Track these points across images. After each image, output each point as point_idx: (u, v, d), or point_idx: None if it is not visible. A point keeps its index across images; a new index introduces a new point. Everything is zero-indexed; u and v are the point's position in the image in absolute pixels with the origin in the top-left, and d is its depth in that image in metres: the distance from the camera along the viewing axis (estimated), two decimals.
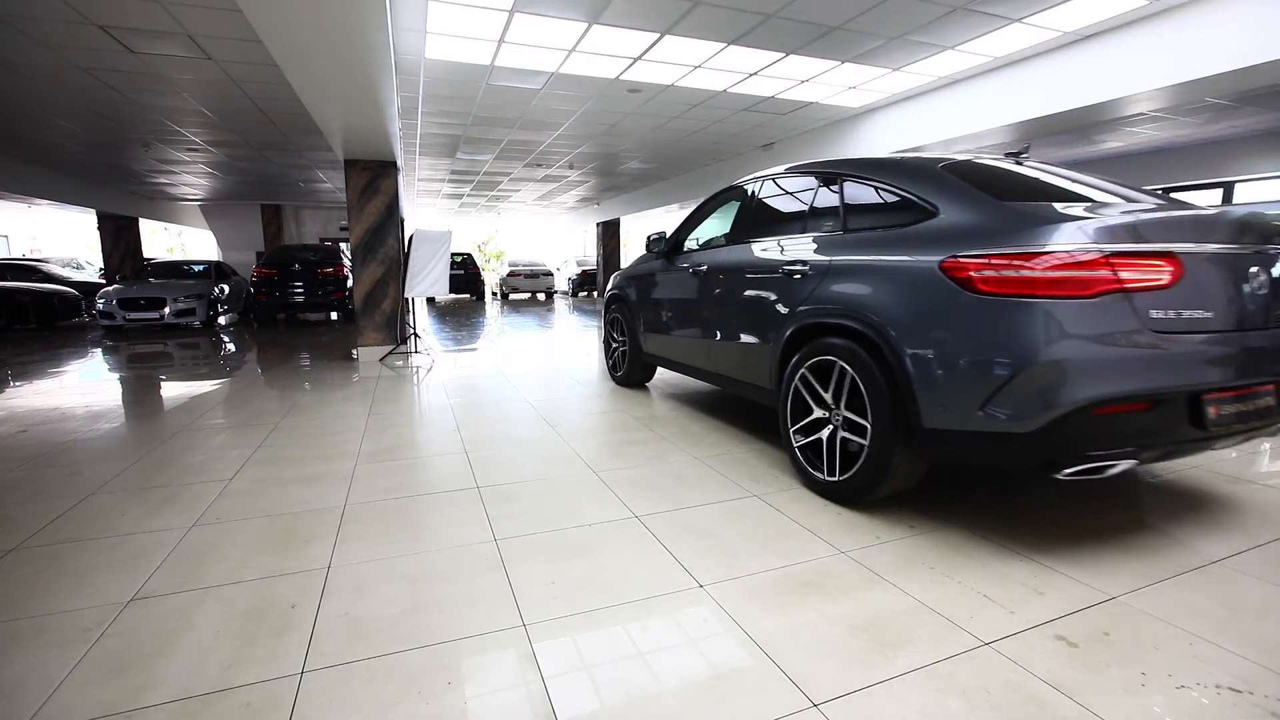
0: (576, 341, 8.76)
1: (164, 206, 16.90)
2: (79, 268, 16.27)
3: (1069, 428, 2.04)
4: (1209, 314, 2.15)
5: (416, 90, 6.80)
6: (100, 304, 9.95)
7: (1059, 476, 2.12)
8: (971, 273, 2.20)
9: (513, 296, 20.67)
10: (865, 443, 2.56)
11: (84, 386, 5.77)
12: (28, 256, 18.91)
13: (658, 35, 5.26)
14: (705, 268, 3.92)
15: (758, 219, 3.65)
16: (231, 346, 8.75)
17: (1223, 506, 2.69)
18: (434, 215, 21.35)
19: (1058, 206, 2.28)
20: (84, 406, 4.84)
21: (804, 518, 2.59)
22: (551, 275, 19.41)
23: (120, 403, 5.07)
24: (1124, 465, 2.12)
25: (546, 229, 28.11)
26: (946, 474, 3.08)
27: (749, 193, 3.79)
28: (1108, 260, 2.03)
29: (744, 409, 4.52)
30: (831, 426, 2.77)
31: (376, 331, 7.55)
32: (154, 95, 6.66)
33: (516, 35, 5.24)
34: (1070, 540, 2.38)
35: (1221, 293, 2.21)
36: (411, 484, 3.09)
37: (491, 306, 16.36)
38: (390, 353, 7.47)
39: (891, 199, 2.73)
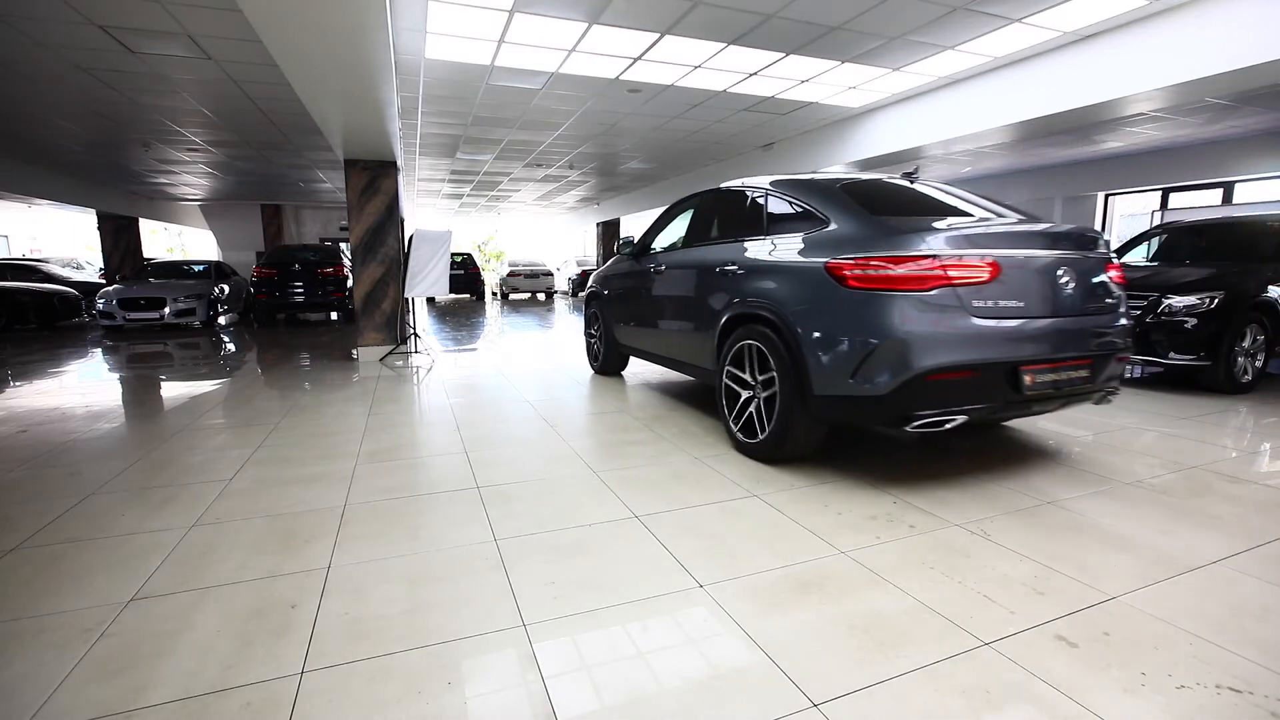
0: (576, 341, 8.75)
1: (164, 206, 16.90)
2: (79, 268, 16.26)
3: (912, 390, 2.62)
4: (1022, 304, 2.75)
5: (416, 90, 6.80)
6: (100, 304, 9.94)
7: (907, 430, 2.70)
8: (845, 271, 2.79)
9: (513, 296, 20.66)
10: (776, 409, 3.12)
11: (84, 386, 5.77)
12: (28, 256, 18.90)
13: (657, 35, 5.26)
14: (664, 268, 4.49)
15: (705, 226, 4.22)
16: (231, 346, 8.75)
17: (1223, 507, 2.69)
18: (434, 215, 21.34)
19: (916, 220, 2.91)
20: (84, 406, 4.84)
21: (804, 518, 2.59)
22: (551, 275, 19.41)
23: (120, 403, 5.07)
24: (958, 420, 2.71)
25: (546, 229, 28.08)
26: (946, 466, 3.08)
27: (699, 204, 4.41)
28: (940, 263, 2.63)
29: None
30: (754, 397, 3.31)
31: (376, 331, 7.54)
32: (154, 95, 6.65)
33: (516, 35, 5.24)
34: (1070, 541, 2.38)
35: (1036, 288, 2.80)
36: (412, 484, 3.09)
37: (491, 306, 16.36)
38: (390, 353, 7.47)
39: (799, 211, 3.32)
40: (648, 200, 15.45)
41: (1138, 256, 6.34)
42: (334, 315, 12.96)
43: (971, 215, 3.13)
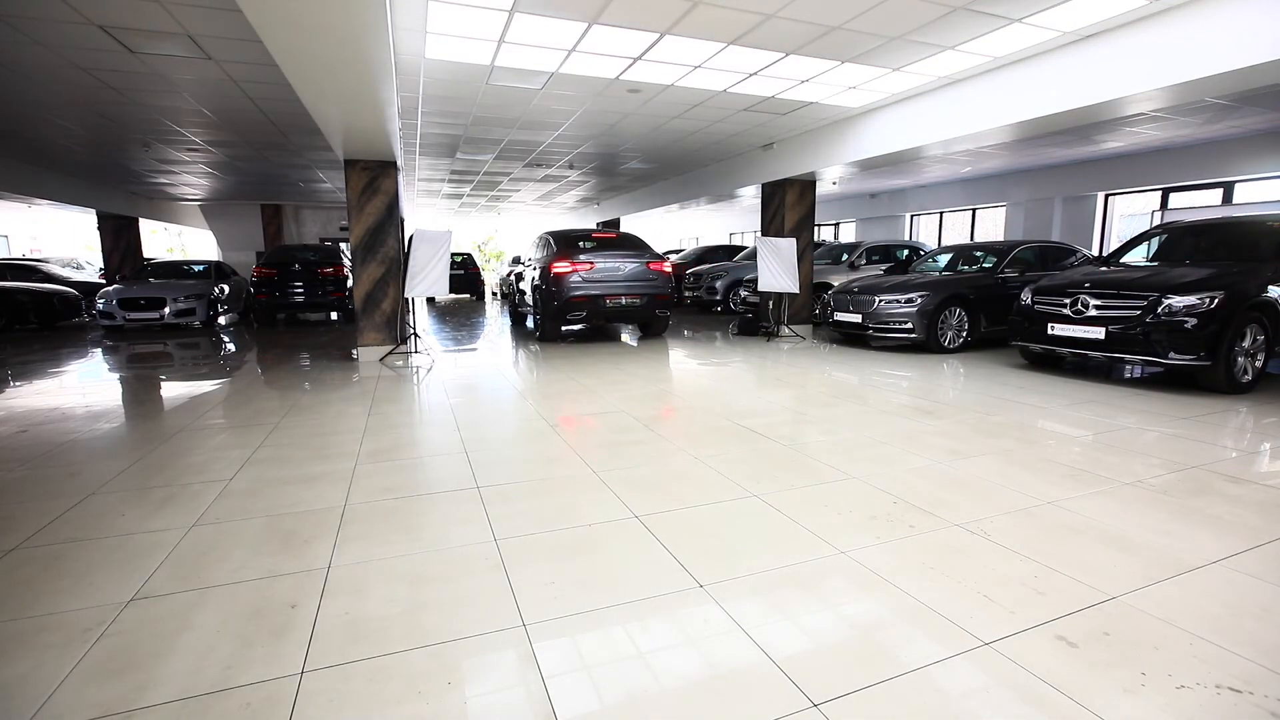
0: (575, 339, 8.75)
1: (164, 206, 16.88)
2: (79, 268, 16.23)
3: (565, 305, 8.03)
4: (606, 276, 8.14)
5: (416, 90, 6.80)
6: (100, 304, 9.93)
7: (565, 323, 8.27)
8: (550, 267, 8.07)
9: None
10: (541, 322, 8.60)
11: (84, 386, 5.77)
12: (28, 256, 18.87)
13: (657, 35, 5.26)
14: (527, 269, 9.46)
15: (535, 249, 9.20)
16: (231, 346, 8.75)
17: (1223, 507, 2.69)
18: (434, 215, 21.32)
19: (578, 248, 8.33)
20: (84, 406, 4.84)
21: (801, 516, 2.60)
22: None
23: (120, 403, 5.07)
24: (584, 314, 8.08)
25: (547, 229, 28.10)
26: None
27: (536, 240, 9.36)
28: (574, 263, 8.00)
29: (743, 412, 4.52)
30: (538, 314, 8.62)
31: (376, 331, 7.54)
32: (154, 95, 6.65)
33: (516, 35, 5.23)
34: (1070, 541, 2.38)
35: (612, 271, 8.18)
36: (412, 484, 3.09)
37: (491, 306, 16.35)
38: (390, 353, 7.47)
39: (550, 244, 8.66)
40: (648, 200, 15.38)
41: (1138, 256, 6.34)
42: (334, 315, 12.95)
43: (601, 244, 8.42)
